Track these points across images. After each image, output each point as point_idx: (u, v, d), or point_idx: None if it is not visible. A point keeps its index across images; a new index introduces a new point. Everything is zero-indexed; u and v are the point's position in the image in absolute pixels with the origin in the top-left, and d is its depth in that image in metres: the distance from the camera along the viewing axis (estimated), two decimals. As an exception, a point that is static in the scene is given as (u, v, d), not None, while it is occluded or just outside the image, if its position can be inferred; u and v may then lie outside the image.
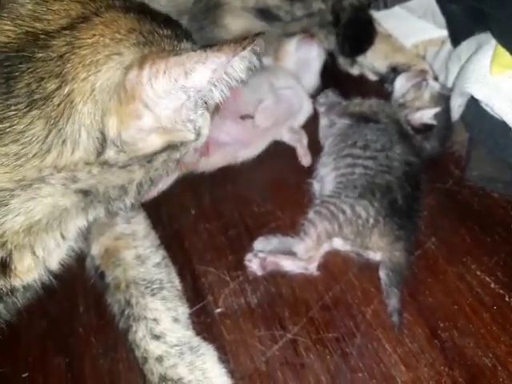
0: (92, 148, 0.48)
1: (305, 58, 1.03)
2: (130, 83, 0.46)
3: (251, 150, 0.92)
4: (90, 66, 0.47)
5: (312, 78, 1.03)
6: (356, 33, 1.02)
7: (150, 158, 0.52)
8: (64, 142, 0.47)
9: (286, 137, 0.95)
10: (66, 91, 0.46)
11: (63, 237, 0.56)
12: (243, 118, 0.91)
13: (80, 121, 0.47)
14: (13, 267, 0.54)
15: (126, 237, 0.71)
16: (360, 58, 1.08)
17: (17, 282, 0.55)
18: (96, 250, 0.70)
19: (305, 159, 0.91)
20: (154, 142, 0.51)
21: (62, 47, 0.47)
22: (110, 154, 0.49)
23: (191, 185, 0.90)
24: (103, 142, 0.48)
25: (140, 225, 0.74)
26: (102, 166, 0.50)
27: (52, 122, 0.46)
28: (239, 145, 0.91)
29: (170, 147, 0.52)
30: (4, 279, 0.54)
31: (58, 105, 0.46)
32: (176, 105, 0.48)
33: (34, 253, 0.54)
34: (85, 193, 0.52)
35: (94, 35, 0.48)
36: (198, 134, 0.53)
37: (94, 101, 0.47)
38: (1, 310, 0.61)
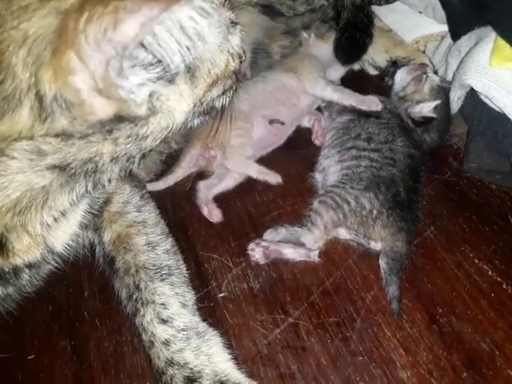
0: (34, 109, 0.44)
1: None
2: (66, 30, 0.41)
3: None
4: (18, 13, 0.42)
5: (338, 73, 1.06)
6: (350, 41, 1.01)
7: (108, 128, 0.48)
8: (5, 102, 0.44)
9: (305, 121, 0.98)
10: None
11: (55, 215, 0.56)
12: (271, 122, 0.92)
13: (15, 75, 0.43)
14: (11, 247, 0.55)
15: (138, 224, 0.72)
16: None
17: (18, 261, 0.57)
18: (108, 236, 0.71)
19: (319, 139, 0.94)
20: (102, 107, 0.46)
21: None
22: (62, 121, 0.45)
23: (193, 176, 0.92)
24: (42, 100, 0.44)
25: (150, 213, 0.75)
26: (59, 136, 0.47)
27: None
28: (268, 146, 0.93)
29: (126, 119, 0.48)
30: (3, 259, 0.55)
31: None
32: (104, 61, 0.42)
33: (28, 232, 0.55)
34: (60, 168, 0.50)
35: None
36: (152, 110, 0.49)
37: (27, 51, 0.42)
38: (11, 293, 0.61)
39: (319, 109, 1.01)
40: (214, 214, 0.83)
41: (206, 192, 0.86)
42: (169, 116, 0.51)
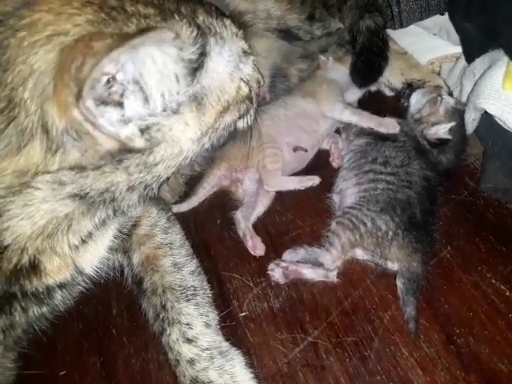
0: (43, 141, 0.47)
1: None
2: (62, 68, 0.43)
3: None
4: (28, 49, 0.45)
5: (355, 96, 1.09)
6: (367, 65, 1.04)
7: (118, 158, 0.50)
8: (21, 136, 0.46)
9: (323, 143, 1.01)
10: (8, 79, 0.45)
11: (81, 237, 0.59)
12: (295, 150, 0.96)
13: (27, 109, 0.45)
14: (43, 267, 0.58)
15: (165, 246, 0.75)
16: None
17: (50, 281, 0.60)
18: (137, 258, 0.74)
19: (336, 161, 0.97)
20: (105, 140, 0.48)
21: (4, 32, 0.45)
22: (75, 153, 0.48)
23: (216, 196, 0.95)
24: (48, 132, 0.46)
25: (177, 235, 0.78)
26: (74, 169, 0.49)
27: (4, 116, 0.45)
28: (290, 172, 0.96)
29: (132, 150, 0.50)
30: (37, 279, 0.58)
31: (5, 95, 0.45)
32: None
33: (57, 253, 0.58)
34: (80, 197, 0.52)
35: (40, 10, 0.45)
36: (153, 141, 0.51)
37: (33, 85, 0.45)
38: (45, 312, 0.65)
39: (337, 130, 1.04)
40: (258, 248, 0.84)
41: (247, 223, 0.87)
42: (174, 145, 0.53)
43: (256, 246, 0.84)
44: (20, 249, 0.54)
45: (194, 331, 0.66)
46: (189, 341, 0.65)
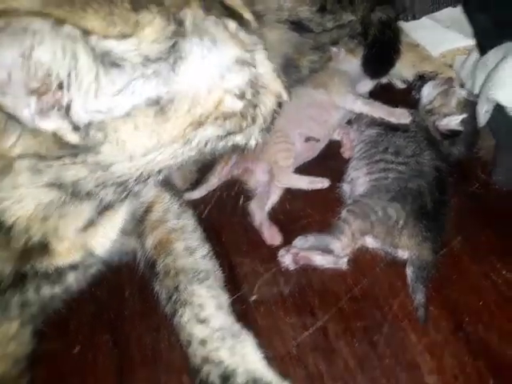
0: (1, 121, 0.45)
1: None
2: None
3: None
4: None
5: (367, 87, 1.10)
6: (378, 57, 1.05)
7: (73, 152, 0.47)
8: None
9: (335, 134, 1.02)
10: None
11: (83, 222, 0.59)
12: (307, 140, 0.97)
13: None
14: (52, 248, 0.59)
15: (177, 231, 0.76)
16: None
17: (60, 263, 0.61)
18: (150, 242, 0.75)
19: (347, 152, 0.97)
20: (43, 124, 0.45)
21: None
22: (30, 139, 0.46)
23: (226, 185, 0.96)
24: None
25: (189, 220, 0.79)
26: (36, 156, 0.47)
27: None
28: (301, 161, 0.97)
29: (78, 146, 0.47)
30: (47, 260, 0.59)
31: None
32: None
33: (65, 236, 0.59)
34: (58, 186, 0.51)
35: None
36: (92, 139, 0.46)
37: None
38: (58, 293, 0.66)
39: (349, 122, 1.05)
40: (275, 238, 0.85)
41: (262, 214, 0.88)
42: (121, 148, 0.48)
43: (273, 236, 0.85)
44: (24, 230, 0.54)
45: (206, 312, 0.67)
46: (201, 321, 0.66)
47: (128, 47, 0.43)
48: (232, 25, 0.51)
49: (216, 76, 0.50)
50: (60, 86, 0.43)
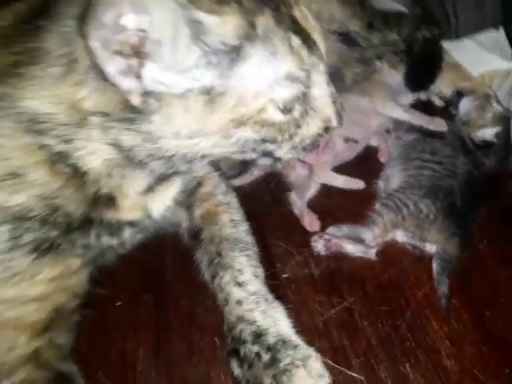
0: (75, 74, 0.51)
1: None
2: None
3: None
4: None
5: (407, 101, 1.15)
6: (420, 71, 1.11)
7: (129, 116, 0.52)
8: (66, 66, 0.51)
9: (373, 140, 1.07)
10: None
11: (142, 187, 0.65)
12: (346, 141, 1.03)
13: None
14: (118, 202, 0.65)
15: (224, 204, 0.83)
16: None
17: (122, 217, 0.67)
18: (198, 212, 0.82)
19: (384, 156, 1.02)
20: (122, 82, 0.50)
21: None
22: (99, 95, 0.51)
23: (267, 176, 1.03)
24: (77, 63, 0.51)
25: (234, 198, 0.86)
26: (103, 114, 0.52)
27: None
28: (340, 161, 1.03)
29: (136, 111, 0.52)
30: (112, 212, 0.65)
31: None
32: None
33: (128, 195, 0.65)
34: (119, 148, 0.56)
35: None
36: (147, 106, 0.51)
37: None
38: (114, 245, 0.72)
39: (387, 131, 1.10)
40: (314, 225, 0.90)
41: (302, 203, 0.94)
42: (168, 122, 0.52)
43: (312, 222, 0.91)
44: (95, 180, 0.60)
45: (244, 277, 0.73)
46: (239, 284, 0.71)
47: (213, 24, 0.49)
48: (296, 41, 0.54)
49: (265, 84, 0.53)
50: (148, 54, 0.49)
